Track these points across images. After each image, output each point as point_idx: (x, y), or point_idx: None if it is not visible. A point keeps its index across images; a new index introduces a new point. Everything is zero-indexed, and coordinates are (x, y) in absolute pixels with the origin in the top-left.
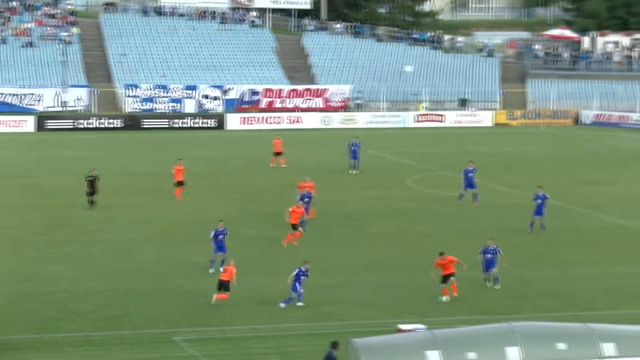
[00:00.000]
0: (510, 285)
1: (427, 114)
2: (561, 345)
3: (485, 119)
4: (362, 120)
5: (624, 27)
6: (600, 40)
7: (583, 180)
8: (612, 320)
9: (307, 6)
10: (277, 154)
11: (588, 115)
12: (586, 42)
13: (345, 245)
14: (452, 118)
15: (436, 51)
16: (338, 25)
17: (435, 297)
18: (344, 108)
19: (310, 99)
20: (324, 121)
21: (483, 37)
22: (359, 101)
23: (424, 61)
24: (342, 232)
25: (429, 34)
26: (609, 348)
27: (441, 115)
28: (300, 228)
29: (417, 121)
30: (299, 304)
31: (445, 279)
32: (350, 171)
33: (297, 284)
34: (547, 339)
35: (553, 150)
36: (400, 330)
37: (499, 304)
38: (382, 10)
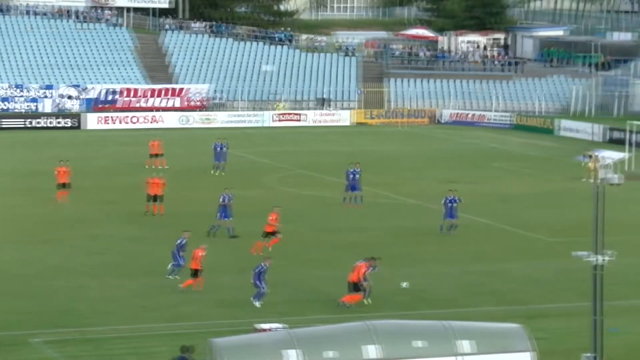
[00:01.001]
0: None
1: (286, 114)
2: (419, 343)
3: (344, 118)
4: (221, 119)
5: (481, 27)
6: (457, 39)
7: (442, 179)
8: (470, 317)
9: (166, 5)
10: (154, 155)
11: (446, 114)
12: (444, 41)
13: (205, 245)
14: (312, 117)
15: (295, 51)
16: (197, 25)
17: (292, 296)
18: (203, 107)
19: (169, 99)
20: (183, 121)
21: (342, 37)
22: (218, 100)
23: (283, 60)
24: (202, 232)
25: (288, 34)
26: (466, 345)
27: (300, 115)
28: (279, 235)
29: (276, 120)
30: (256, 303)
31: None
32: (213, 172)
33: (258, 282)
34: (404, 336)
35: (412, 149)
36: (257, 330)
37: (356, 303)
38: (242, 10)
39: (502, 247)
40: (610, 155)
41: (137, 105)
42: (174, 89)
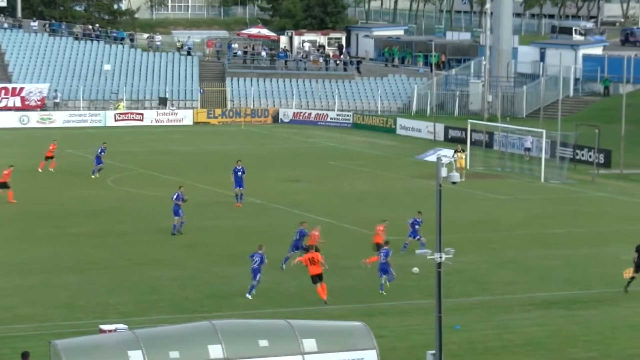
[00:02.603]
0: (211, 282)
1: (126, 113)
2: (263, 342)
3: (185, 117)
4: (60, 119)
5: (320, 26)
6: (297, 39)
7: (284, 178)
8: (313, 316)
9: (3, 3)
10: (49, 157)
11: (287, 113)
12: (284, 41)
13: (46, 246)
14: (152, 117)
15: (135, 50)
16: (34, 23)
17: (136, 296)
18: (41, 107)
19: (6, 98)
20: (22, 120)
21: (181, 36)
22: (56, 100)
23: (122, 60)
24: (43, 232)
25: (127, 33)
26: (310, 344)
27: (141, 114)
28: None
29: (117, 120)
30: (249, 295)
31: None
32: (92, 175)
33: (258, 274)
34: (248, 336)
35: (254, 149)
36: (102, 331)
37: (200, 303)
38: (79, 9)
39: (343, 245)
40: (450, 154)
41: None
42: (11, 89)
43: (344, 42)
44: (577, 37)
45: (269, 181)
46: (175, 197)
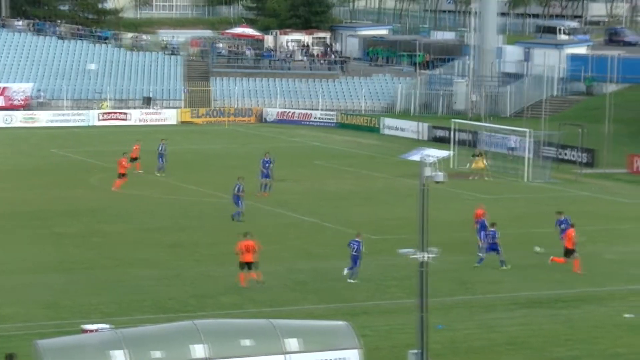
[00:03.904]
0: (195, 282)
1: (111, 112)
2: (246, 342)
3: (170, 117)
4: (44, 119)
5: (305, 25)
6: (282, 38)
7: None
8: (296, 315)
9: None
10: (134, 159)
11: (272, 113)
12: (269, 40)
13: (30, 245)
14: (137, 116)
15: (120, 49)
16: (18, 23)
17: (120, 296)
18: (25, 106)
19: None
20: (6, 120)
21: (167, 36)
22: (40, 100)
23: (107, 59)
24: (27, 232)
25: (112, 32)
26: (293, 343)
27: (125, 114)
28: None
29: (101, 120)
30: (351, 280)
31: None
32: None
33: (358, 260)
34: (231, 335)
35: (238, 148)
36: (84, 331)
37: (183, 302)
38: (64, 8)
39: (327, 245)
40: (435, 154)
41: None
42: None
43: (329, 42)
44: (562, 37)
45: (253, 181)
46: (236, 189)
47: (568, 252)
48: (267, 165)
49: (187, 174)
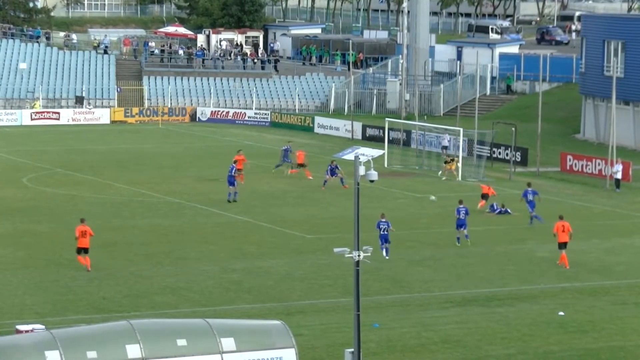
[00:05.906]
0: (128, 282)
1: (42, 112)
2: (182, 341)
3: (102, 116)
4: None
5: (238, 24)
6: (215, 37)
7: (202, 177)
8: (231, 315)
9: None
10: (301, 165)
11: (204, 112)
12: (201, 39)
13: None
14: (69, 116)
15: (51, 48)
16: None
17: (53, 296)
18: None
19: None
20: None
21: (98, 34)
22: None
23: (38, 58)
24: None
25: (43, 31)
26: (229, 343)
27: (57, 113)
28: None
29: (33, 119)
30: (387, 257)
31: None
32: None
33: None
34: (167, 335)
35: (171, 147)
36: (18, 331)
37: (117, 302)
38: None
39: (261, 244)
40: (368, 152)
41: None
42: None
43: (262, 41)
44: (493, 36)
45: (187, 180)
46: (230, 170)
47: (562, 245)
48: (287, 152)
49: (120, 173)
